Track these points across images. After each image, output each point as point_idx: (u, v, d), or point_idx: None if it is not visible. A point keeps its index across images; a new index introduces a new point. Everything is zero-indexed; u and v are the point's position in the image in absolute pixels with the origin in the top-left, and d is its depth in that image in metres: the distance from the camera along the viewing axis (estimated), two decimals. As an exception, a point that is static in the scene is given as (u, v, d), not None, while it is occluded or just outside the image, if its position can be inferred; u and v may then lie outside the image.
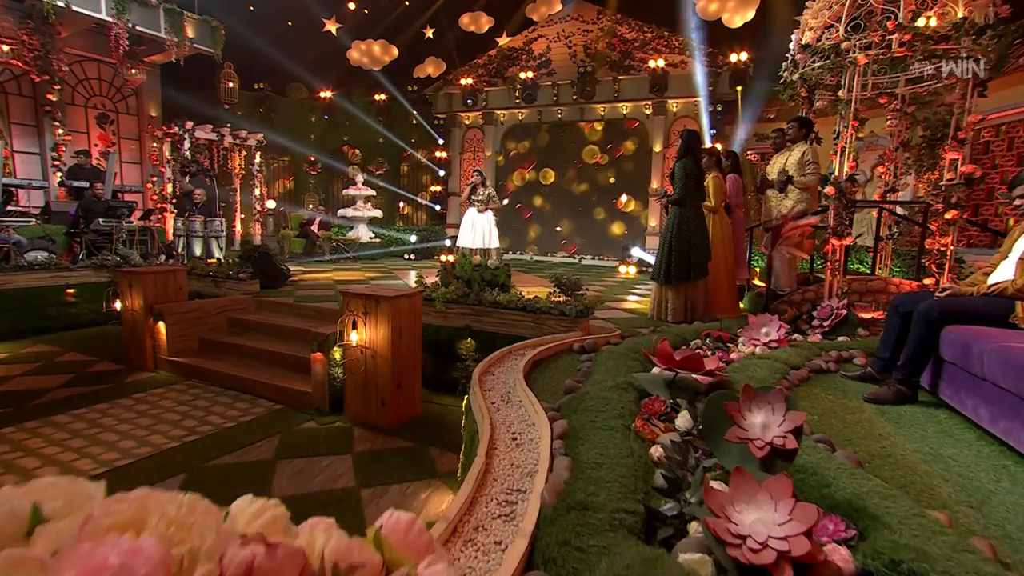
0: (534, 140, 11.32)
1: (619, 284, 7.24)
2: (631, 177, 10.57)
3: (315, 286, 6.08)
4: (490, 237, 7.04)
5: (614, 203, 10.67)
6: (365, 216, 10.13)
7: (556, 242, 11.27)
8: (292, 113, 12.14)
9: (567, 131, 11.04)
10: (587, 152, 10.98)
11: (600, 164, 10.72)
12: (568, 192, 11.10)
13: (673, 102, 9.86)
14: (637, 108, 10.26)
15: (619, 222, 10.70)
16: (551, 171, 11.14)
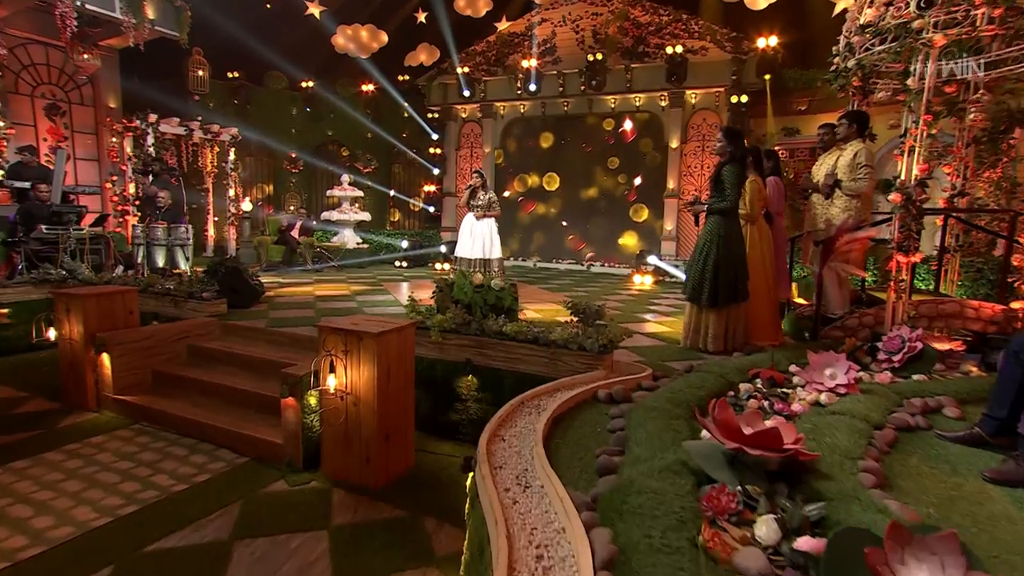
0: (536, 139, 10.95)
1: (635, 298, 6.84)
2: (644, 176, 10.21)
3: (293, 303, 5.67)
4: (491, 246, 6.65)
5: (627, 194, 10.22)
6: (351, 220, 9.78)
7: (561, 248, 10.93)
8: (270, 105, 11.81)
9: (574, 125, 10.69)
10: (596, 152, 10.59)
11: (611, 168, 10.37)
12: (575, 194, 10.77)
13: (692, 93, 9.50)
14: (651, 100, 9.91)
15: (631, 230, 10.40)
16: (555, 175, 10.85)
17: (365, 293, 6.56)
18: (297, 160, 12.14)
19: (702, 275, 3.87)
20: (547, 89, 10.25)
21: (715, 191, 3.92)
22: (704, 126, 9.57)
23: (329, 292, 6.58)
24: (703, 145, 9.59)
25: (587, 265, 10.41)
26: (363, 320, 3.23)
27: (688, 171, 9.77)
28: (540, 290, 7.42)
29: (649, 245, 9.95)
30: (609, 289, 7.74)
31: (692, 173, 9.74)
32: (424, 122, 11.44)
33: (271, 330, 4.47)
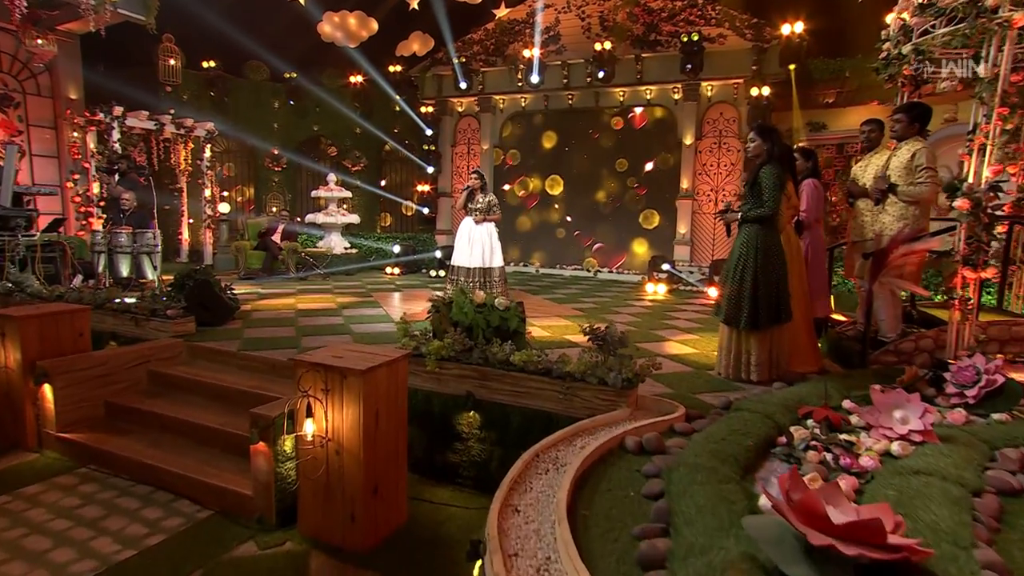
0: (538, 138, 10.67)
1: (650, 311, 6.51)
2: (656, 176, 9.94)
3: (271, 320, 5.32)
4: (491, 254, 6.33)
5: (636, 189, 9.95)
6: (339, 223, 9.45)
7: (565, 254, 10.63)
8: (250, 98, 11.50)
9: (579, 120, 10.42)
10: (603, 150, 10.28)
11: (620, 171, 10.11)
12: (579, 197, 10.52)
13: (708, 85, 9.21)
14: (664, 92, 9.63)
15: (640, 237, 10.13)
16: (559, 178, 10.60)
17: (353, 306, 6.22)
18: (280, 158, 11.83)
19: (739, 293, 3.55)
20: (550, 81, 9.96)
21: (751, 196, 3.60)
22: (721, 121, 9.30)
23: (313, 305, 6.23)
24: (719, 141, 9.32)
25: (594, 271, 10.13)
26: (347, 351, 2.88)
27: (703, 169, 9.48)
28: (545, 301, 7.09)
29: (661, 250, 9.65)
30: (620, 299, 7.43)
31: (708, 172, 9.46)
32: (417, 116, 11.14)
33: (245, 353, 4.12)
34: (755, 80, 8.41)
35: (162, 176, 8.57)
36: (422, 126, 11.08)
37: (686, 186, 9.48)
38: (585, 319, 5.80)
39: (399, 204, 12.34)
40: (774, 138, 3.57)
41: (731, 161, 9.24)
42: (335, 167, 11.84)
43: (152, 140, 8.04)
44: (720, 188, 9.40)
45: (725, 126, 9.25)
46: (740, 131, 9.03)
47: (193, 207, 9.70)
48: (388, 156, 12.43)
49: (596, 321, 5.67)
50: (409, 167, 12.15)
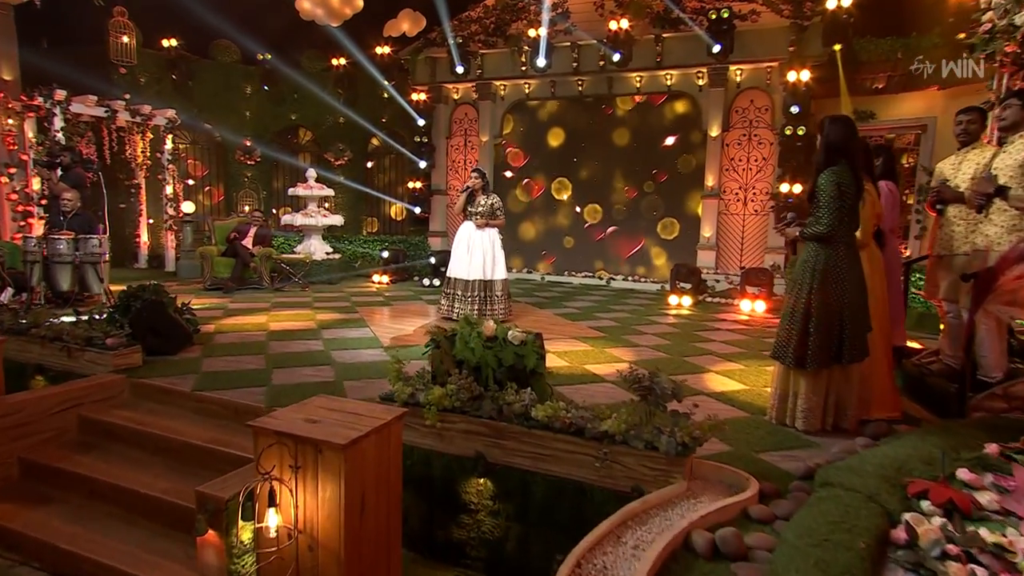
0: (543, 134, 10.29)
1: (679, 328, 6.07)
2: (675, 173, 9.51)
3: (237, 345, 4.82)
4: (493, 264, 5.90)
5: (653, 194, 9.55)
6: (319, 225, 8.98)
7: (575, 259, 10.24)
8: (218, 82, 11.06)
9: (590, 109, 9.98)
10: (616, 137, 9.81)
11: (636, 168, 9.71)
12: (591, 198, 10.11)
13: (737, 69, 8.75)
14: (687, 77, 9.17)
15: (658, 246, 9.72)
16: (567, 181, 10.25)
17: (335, 325, 5.75)
18: (252, 150, 11.35)
19: (790, 324, 3.13)
20: (558, 65, 9.47)
21: (813, 209, 3.16)
22: (752, 109, 8.87)
23: (288, 324, 5.75)
24: (750, 133, 8.90)
25: (607, 280, 9.72)
26: (324, 408, 2.38)
27: (731, 165, 9.06)
28: (555, 317, 6.63)
29: (682, 255, 9.23)
30: (641, 314, 6.99)
31: (736, 168, 9.04)
32: (408, 105, 10.68)
33: (201, 394, 3.62)
34: (793, 63, 7.95)
35: (116, 171, 8.07)
36: (413, 115, 10.65)
37: (711, 183, 9.05)
38: (607, 342, 5.34)
39: (387, 203, 12.00)
40: (842, 140, 3.10)
41: (762, 155, 8.81)
42: (316, 161, 11.57)
43: (103, 129, 7.51)
44: (750, 186, 8.97)
45: (756, 116, 8.83)
46: (773, 121, 8.61)
47: (153, 206, 9.21)
48: (376, 150, 12.06)
49: (620, 345, 5.28)
50: (399, 161, 11.82)
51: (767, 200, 8.68)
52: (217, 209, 11.48)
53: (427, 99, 10.67)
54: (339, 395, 3.62)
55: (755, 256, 8.90)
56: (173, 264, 9.11)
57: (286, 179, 11.65)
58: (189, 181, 9.35)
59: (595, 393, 3.82)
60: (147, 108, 7.78)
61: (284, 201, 11.52)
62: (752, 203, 8.92)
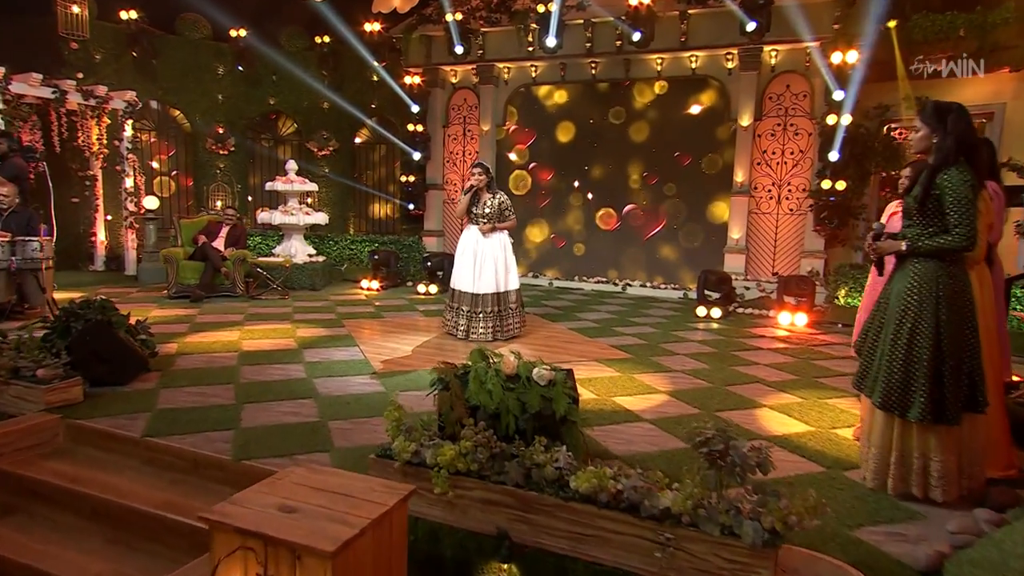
0: (551, 122, 9.99)
1: (715, 346, 5.71)
2: (700, 167, 9.18)
3: (202, 372, 4.38)
4: (505, 274, 5.56)
5: (674, 196, 9.20)
6: (301, 223, 8.62)
7: (586, 264, 9.95)
8: (187, 61, 10.63)
9: (605, 96, 9.65)
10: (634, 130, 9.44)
11: (656, 164, 9.41)
12: (607, 195, 9.81)
13: (772, 50, 8.39)
14: (714, 60, 8.79)
15: (677, 251, 9.41)
16: (576, 182, 9.97)
17: (319, 344, 5.35)
18: (225, 139, 10.97)
19: (907, 367, 2.67)
20: (569, 45, 9.05)
21: (922, 216, 2.71)
22: (787, 96, 8.50)
23: (264, 342, 5.33)
24: (785, 123, 8.53)
25: (622, 286, 9.42)
26: (304, 485, 1.93)
27: (764, 158, 8.70)
28: (571, 332, 6.26)
29: (707, 260, 8.90)
30: (667, 328, 6.64)
31: (770, 162, 8.68)
32: (400, 89, 10.31)
33: (153, 441, 3.18)
34: (838, 42, 7.53)
35: (68, 160, 7.62)
36: (407, 101, 10.29)
37: (741, 179, 8.69)
38: (634, 365, 4.96)
39: (377, 199, 11.76)
40: (968, 124, 2.68)
41: (799, 148, 8.45)
42: (297, 152, 11.33)
43: (51, 113, 7.05)
44: (784, 182, 8.60)
45: (793, 103, 8.46)
46: (813, 109, 8.26)
47: (111, 201, 8.84)
48: (365, 140, 11.78)
49: (650, 369, 4.85)
50: (391, 153, 11.57)
51: (804, 198, 8.34)
52: (185, 206, 11.13)
53: (422, 83, 10.37)
54: (324, 440, 3.21)
55: (789, 261, 8.58)
56: (134, 267, 8.73)
57: (263, 172, 11.37)
58: (154, 164, 8.89)
59: (633, 437, 3.40)
60: (102, 89, 7.35)
61: (261, 197, 11.24)
62: (787, 201, 8.59)
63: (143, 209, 8.59)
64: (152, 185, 10.32)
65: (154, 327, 5.46)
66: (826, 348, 5.87)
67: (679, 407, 3.96)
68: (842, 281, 7.18)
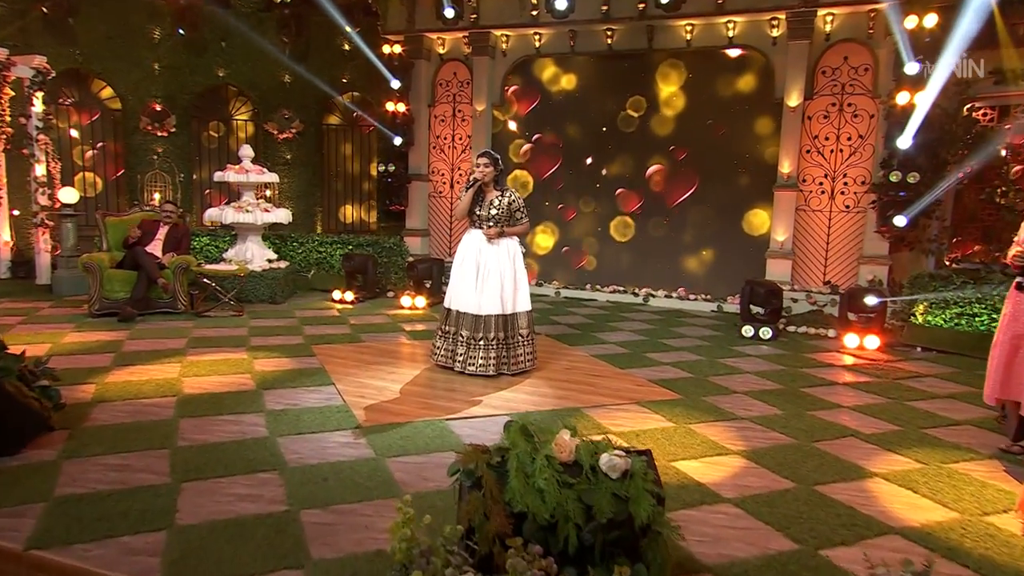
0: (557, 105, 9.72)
1: (780, 381, 5.20)
2: (733, 158, 8.88)
3: (125, 432, 3.69)
4: (514, 291, 5.16)
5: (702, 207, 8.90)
6: (258, 222, 8.16)
7: (599, 270, 9.72)
8: (113, 21, 10.17)
9: (624, 73, 9.33)
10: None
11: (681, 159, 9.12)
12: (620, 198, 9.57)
13: (827, 14, 8.02)
14: (756, 26, 8.46)
15: (712, 240, 9.11)
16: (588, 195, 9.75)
17: (283, 381, 4.78)
18: (163, 118, 10.46)
19: None
20: (581, 8, 8.72)
21: None
22: (845, 70, 8.14)
23: (212, 381, 4.69)
24: (841, 102, 8.17)
25: (644, 296, 9.11)
26: None
27: (815, 146, 8.37)
28: (596, 360, 5.77)
29: (745, 266, 8.60)
30: (711, 352, 6.24)
31: (822, 149, 8.35)
32: (378, 60, 9.98)
33: (44, 558, 2.50)
34: (913, 3, 7.12)
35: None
36: (385, 75, 9.94)
37: (788, 170, 8.34)
38: (686, 410, 4.46)
39: (351, 192, 11.61)
40: None
41: (858, 132, 8.12)
42: (252, 135, 10.99)
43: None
44: (839, 174, 8.26)
45: (851, 78, 8.10)
46: (876, 86, 7.88)
47: (18, 193, 8.37)
48: (335, 120, 11.60)
49: (708, 416, 4.37)
50: (367, 137, 11.45)
51: (863, 192, 8.06)
52: (114, 200, 10.65)
53: (403, 53, 10.17)
54: (296, 546, 2.63)
55: (844, 268, 8.34)
56: (47, 275, 8.19)
57: (211, 159, 10.95)
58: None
59: (719, 531, 2.82)
60: (2, 53, 6.77)
61: (209, 189, 10.87)
62: (843, 196, 8.31)
63: (58, 203, 8.08)
64: (71, 174, 9.85)
65: (65, 361, 4.92)
66: (916, 382, 5.39)
67: (764, 478, 3.39)
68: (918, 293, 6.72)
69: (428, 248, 10.28)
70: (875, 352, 6.31)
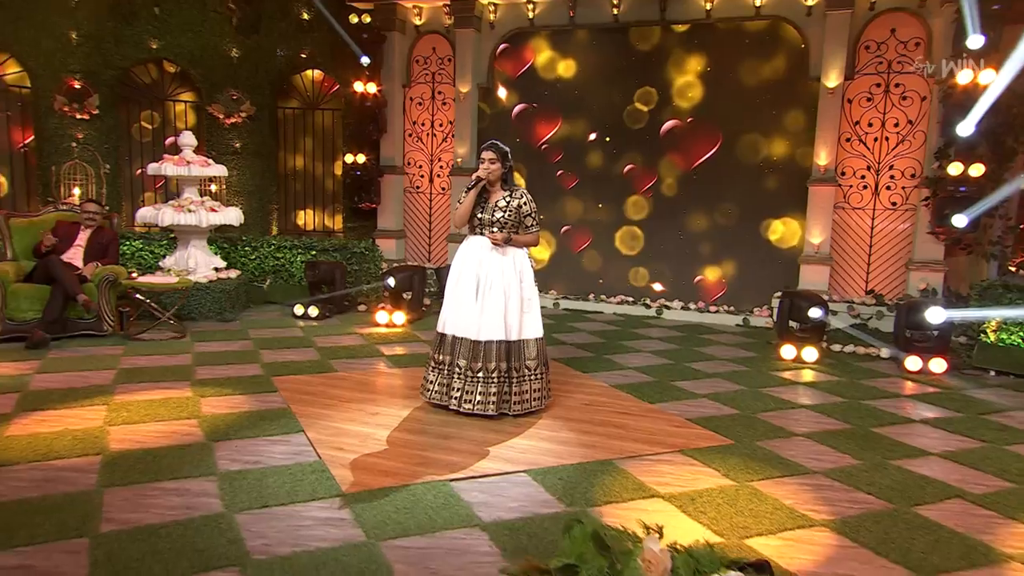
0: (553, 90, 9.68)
1: (847, 420, 4.83)
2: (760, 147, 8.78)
3: (29, 512, 3.19)
4: (519, 314, 4.86)
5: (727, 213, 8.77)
6: (203, 224, 7.89)
7: (604, 279, 9.66)
8: None
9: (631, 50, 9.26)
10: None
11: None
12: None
13: (873, -25, 7.96)
14: (786, -6, 8.43)
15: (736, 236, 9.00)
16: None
17: (240, 429, 4.33)
18: (84, 98, 10.00)
19: None
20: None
21: None
22: (892, 45, 8.04)
23: (147, 432, 4.19)
24: (887, 82, 8.08)
25: (657, 308, 9.01)
26: None
27: (855, 132, 8.26)
28: (616, 392, 5.49)
29: (773, 273, 8.57)
30: (751, 380, 5.98)
31: (865, 137, 8.23)
32: (344, 32, 9.81)
33: None
34: None
35: None
36: (353, 50, 9.77)
37: (825, 161, 8.21)
38: (745, 461, 4.12)
39: (313, 189, 11.33)
40: None
41: (907, 117, 8.02)
42: (196, 120, 10.77)
43: None
44: (885, 165, 8.15)
45: (900, 54, 7.99)
46: (929, 61, 7.77)
47: None
48: (296, 105, 11.33)
49: (774, 468, 4.24)
50: (329, 121, 11.19)
51: (913, 187, 7.98)
52: (22, 198, 10.17)
53: (374, 24, 10.06)
54: None
55: (890, 275, 8.31)
56: None
57: (144, 149, 10.59)
58: None
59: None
60: None
61: (141, 185, 10.51)
62: (889, 192, 8.24)
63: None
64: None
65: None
66: (1003, 417, 5.07)
67: (869, 563, 2.94)
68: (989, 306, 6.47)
69: (404, 253, 10.15)
70: (941, 376, 6.07)
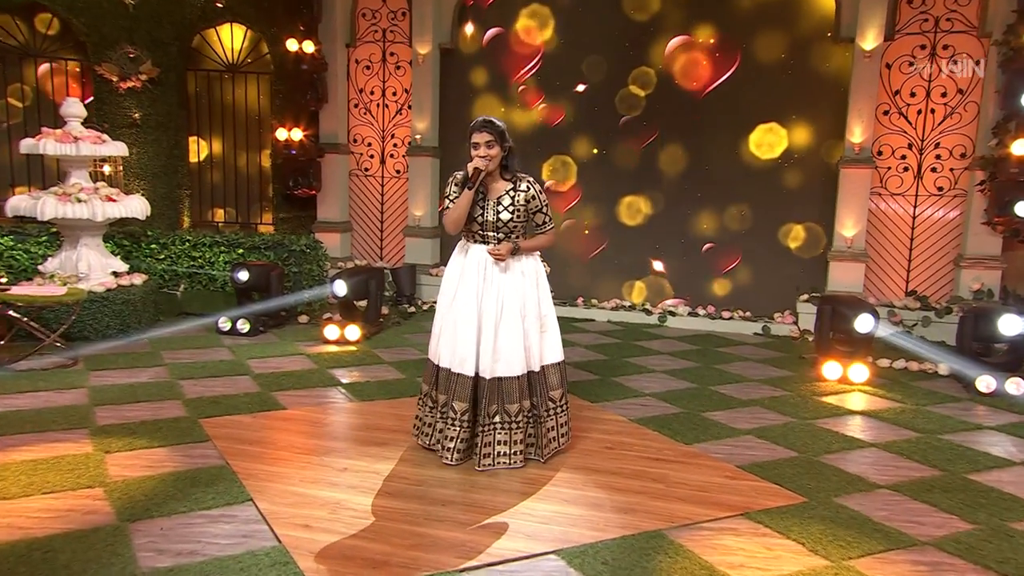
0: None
1: (933, 465, 4.57)
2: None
3: None
4: (539, 336, 4.68)
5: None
6: (98, 217, 7.50)
7: (601, 281, 9.85)
8: None
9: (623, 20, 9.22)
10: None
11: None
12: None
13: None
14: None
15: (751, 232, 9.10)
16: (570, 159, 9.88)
17: (159, 502, 3.79)
18: None
19: None
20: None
21: None
22: (939, 4, 8.05)
23: (29, 512, 3.61)
24: (933, 43, 8.15)
25: (662, 314, 9.13)
26: None
27: (894, 104, 8.30)
28: (640, 429, 5.25)
29: (799, 270, 8.71)
30: (795, 408, 5.85)
31: (904, 108, 8.29)
32: None
33: None
34: None
35: None
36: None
37: (859, 139, 8.21)
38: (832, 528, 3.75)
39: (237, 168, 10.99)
40: None
41: (956, 86, 8.07)
42: (81, 82, 10.29)
43: None
44: (930, 143, 8.19)
45: (947, 10, 8.05)
46: (984, 22, 7.83)
47: None
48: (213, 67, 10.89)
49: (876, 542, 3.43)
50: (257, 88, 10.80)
51: (963, 169, 8.04)
52: None
53: None
54: None
55: (936, 273, 8.44)
56: None
57: (17, 122, 10.08)
58: None
59: None
60: None
61: (13, 170, 10.11)
62: (935, 175, 8.28)
63: None
64: None
65: None
66: None
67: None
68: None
69: (350, 249, 10.10)
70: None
